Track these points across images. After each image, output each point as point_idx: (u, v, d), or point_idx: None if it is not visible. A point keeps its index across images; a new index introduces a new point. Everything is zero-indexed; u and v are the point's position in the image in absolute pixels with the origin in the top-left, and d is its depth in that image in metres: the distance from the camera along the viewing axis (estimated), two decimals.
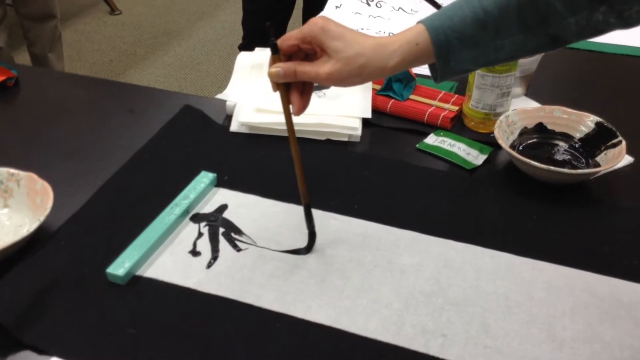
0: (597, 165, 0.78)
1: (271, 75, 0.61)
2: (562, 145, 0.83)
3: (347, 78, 0.61)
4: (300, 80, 0.62)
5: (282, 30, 1.82)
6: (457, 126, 0.91)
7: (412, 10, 1.24)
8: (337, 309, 0.61)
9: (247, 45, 1.62)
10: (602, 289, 0.64)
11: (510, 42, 0.60)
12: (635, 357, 0.57)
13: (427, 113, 0.90)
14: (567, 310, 0.61)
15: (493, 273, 0.65)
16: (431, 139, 0.87)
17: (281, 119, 0.87)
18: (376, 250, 0.68)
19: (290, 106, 0.64)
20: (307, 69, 0.61)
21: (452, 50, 0.60)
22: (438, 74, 0.64)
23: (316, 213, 0.74)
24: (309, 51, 0.62)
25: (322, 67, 0.60)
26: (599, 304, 0.62)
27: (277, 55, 0.61)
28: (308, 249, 0.68)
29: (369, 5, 1.26)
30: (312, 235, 0.68)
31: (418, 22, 0.62)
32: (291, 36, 0.61)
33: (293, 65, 0.61)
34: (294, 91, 0.63)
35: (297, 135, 0.87)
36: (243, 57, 0.97)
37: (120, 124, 0.91)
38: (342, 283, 0.64)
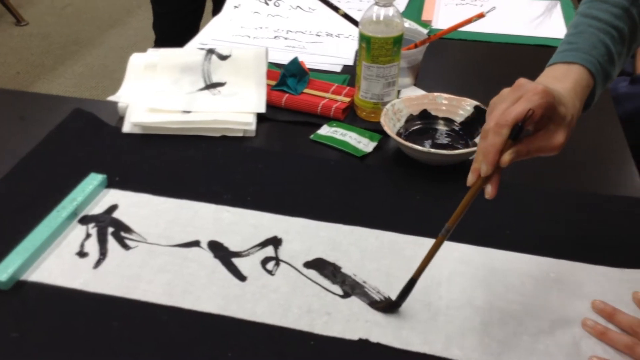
0: (476, 145, 0.83)
1: (506, 163, 0.55)
2: (444, 129, 0.87)
3: (567, 141, 0.57)
4: (531, 157, 0.57)
5: (194, 31, 1.80)
6: (350, 117, 0.94)
7: (309, 8, 1.27)
8: (226, 297, 0.63)
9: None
10: (477, 259, 0.68)
11: (634, 45, 0.65)
12: (504, 319, 0.61)
13: (321, 105, 0.92)
14: (444, 281, 0.65)
15: (377, 252, 0.68)
16: (324, 130, 0.89)
17: (173, 117, 0.88)
18: (267, 239, 0.70)
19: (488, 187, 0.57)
20: (541, 145, 0.56)
21: (606, 77, 0.62)
22: (591, 102, 0.63)
23: (209, 207, 0.75)
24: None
25: (556, 139, 0.56)
26: (474, 272, 0.66)
27: (512, 140, 0.55)
28: (385, 309, 0.61)
29: (267, 4, 1.28)
30: (395, 304, 0.61)
31: (566, 62, 0.61)
32: (534, 115, 0.54)
33: (524, 147, 0.56)
34: (497, 172, 0.57)
35: (191, 133, 0.89)
36: (135, 57, 0.97)
37: (9, 131, 0.88)
38: (232, 273, 0.65)
